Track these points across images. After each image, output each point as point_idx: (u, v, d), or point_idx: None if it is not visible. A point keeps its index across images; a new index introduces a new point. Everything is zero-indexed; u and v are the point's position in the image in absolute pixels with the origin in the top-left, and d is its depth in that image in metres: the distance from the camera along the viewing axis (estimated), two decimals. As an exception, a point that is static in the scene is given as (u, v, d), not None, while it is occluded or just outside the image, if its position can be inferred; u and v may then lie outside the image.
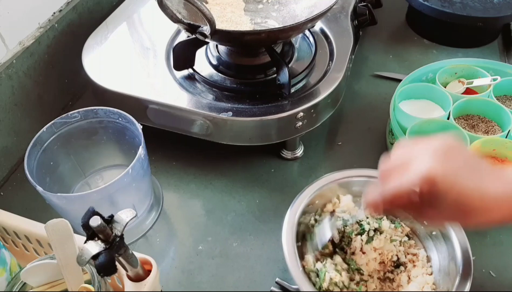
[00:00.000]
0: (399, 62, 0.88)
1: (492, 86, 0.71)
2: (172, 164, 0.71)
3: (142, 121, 0.68)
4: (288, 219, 0.53)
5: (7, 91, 0.67)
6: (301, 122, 0.64)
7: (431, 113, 0.71)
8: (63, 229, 0.44)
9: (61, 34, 0.75)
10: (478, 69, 0.74)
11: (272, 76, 0.68)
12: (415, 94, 0.73)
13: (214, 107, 0.63)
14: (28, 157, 0.54)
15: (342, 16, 0.78)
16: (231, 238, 0.62)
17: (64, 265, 0.45)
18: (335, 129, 0.75)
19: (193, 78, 0.69)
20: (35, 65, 0.71)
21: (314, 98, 0.64)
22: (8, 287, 0.47)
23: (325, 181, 0.58)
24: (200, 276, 0.58)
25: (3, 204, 0.61)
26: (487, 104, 0.70)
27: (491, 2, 0.85)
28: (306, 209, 0.56)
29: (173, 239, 0.62)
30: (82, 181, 0.66)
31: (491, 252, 0.58)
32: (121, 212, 0.42)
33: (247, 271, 0.58)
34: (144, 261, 0.48)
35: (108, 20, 0.78)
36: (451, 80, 0.76)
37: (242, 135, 0.64)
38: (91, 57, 0.71)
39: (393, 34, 0.95)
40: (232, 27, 0.67)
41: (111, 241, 0.41)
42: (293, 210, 0.54)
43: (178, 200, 0.67)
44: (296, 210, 0.54)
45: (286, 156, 0.71)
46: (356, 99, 0.80)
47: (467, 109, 0.71)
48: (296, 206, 0.55)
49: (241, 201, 0.66)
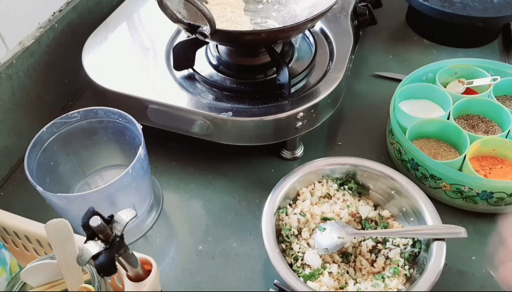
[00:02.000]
0: (399, 62, 0.87)
1: (492, 86, 0.71)
2: (172, 164, 0.71)
3: (142, 121, 0.68)
4: (268, 207, 0.56)
5: (7, 91, 0.67)
6: (301, 122, 0.64)
7: (431, 113, 0.71)
8: (63, 229, 0.44)
9: (61, 34, 0.75)
10: (478, 69, 0.74)
11: (272, 76, 0.68)
12: (415, 94, 0.73)
13: (214, 107, 0.63)
14: (28, 157, 0.54)
15: (342, 16, 0.78)
16: (231, 238, 0.62)
17: (64, 265, 0.45)
18: (335, 129, 0.75)
19: (193, 78, 0.69)
20: (35, 65, 0.71)
21: (314, 98, 0.64)
22: (8, 287, 0.47)
23: (307, 169, 0.60)
24: (200, 276, 0.58)
25: (3, 204, 0.61)
26: (487, 104, 0.70)
27: (491, 2, 0.85)
28: (288, 194, 0.59)
29: (173, 239, 0.62)
30: (82, 181, 0.66)
31: (491, 252, 0.58)
32: (121, 212, 0.42)
33: (247, 271, 0.58)
34: (144, 261, 0.48)
35: (108, 20, 0.78)
36: (451, 80, 0.76)
37: (242, 135, 0.64)
38: (91, 57, 0.71)
39: (393, 34, 0.95)
40: (232, 27, 0.67)
41: (111, 241, 0.41)
42: (273, 197, 0.57)
43: (178, 200, 0.67)
44: (276, 197, 0.57)
45: (286, 156, 0.71)
46: (356, 99, 0.80)
47: (467, 109, 0.71)
48: (277, 193, 0.58)
49: (241, 201, 0.66)
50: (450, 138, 0.67)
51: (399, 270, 0.53)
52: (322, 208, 0.58)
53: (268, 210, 0.56)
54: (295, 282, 0.49)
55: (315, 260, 0.53)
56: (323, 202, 0.60)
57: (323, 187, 0.61)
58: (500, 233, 0.53)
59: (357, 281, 0.53)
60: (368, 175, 0.60)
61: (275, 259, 0.51)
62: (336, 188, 0.61)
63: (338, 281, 0.53)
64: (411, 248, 0.55)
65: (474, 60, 0.76)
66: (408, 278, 0.53)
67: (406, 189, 0.57)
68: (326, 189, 0.61)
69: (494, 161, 0.65)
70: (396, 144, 0.67)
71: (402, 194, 0.58)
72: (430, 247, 0.52)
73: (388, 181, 0.59)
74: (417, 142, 0.68)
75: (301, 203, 0.59)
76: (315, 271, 0.53)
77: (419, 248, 0.55)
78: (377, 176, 0.60)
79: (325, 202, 0.60)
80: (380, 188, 0.60)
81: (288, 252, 0.56)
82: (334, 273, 0.53)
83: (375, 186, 0.61)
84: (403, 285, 0.52)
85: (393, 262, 0.54)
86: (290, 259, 0.55)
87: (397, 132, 0.65)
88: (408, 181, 0.58)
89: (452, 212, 0.63)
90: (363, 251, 0.56)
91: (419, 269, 0.52)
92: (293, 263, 0.55)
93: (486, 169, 0.64)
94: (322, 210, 0.58)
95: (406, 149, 0.64)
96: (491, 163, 0.65)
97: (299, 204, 0.59)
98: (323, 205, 0.59)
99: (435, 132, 0.68)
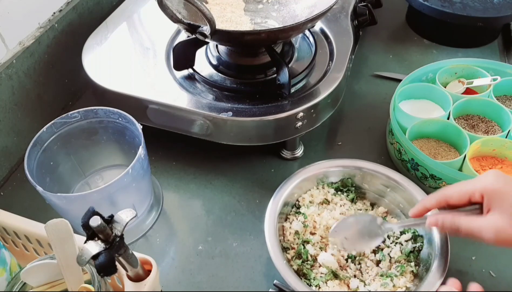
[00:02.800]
0: (399, 62, 0.87)
1: (492, 86, 0.71)
2: (172, 164, 0.71)
3: (142, 121, 0.68)
4: (270, 209, 0.57)
5: (7, 91, 0.67)
6: (301, 122, 0.64)
7: (431, 113, 0.71)
8: (63, 229, 0.44)
9: (61, 34, 0.75)
10: (478, 69, 0.74)
11: (272, 76, 0.68)
12: (415, 94, 0.73)
13: (214, 107, 0.63)
14: (28, 157, 0.54)
15: (342, 16, 0.78)
16: (231, 238, 0.62)
17: (64, 265, 0.45)
18: (335, 129, 0.75)
19: (193, 78, 0.69)
20: (35, 65, 0.71)
21: (314, 98, 0.64)
22: (8, 287, 0.47)
23: (304, 174, 0.60)
24: (200, 276, 0.58)
25: (3, 204, 0.61)
26: (487, 104, 0.70)
27: (491, 2, 0.85)
28: (287, 200, 0.59)
29: (173, 239, 0.62)
30: (82, 181, 0.66)
31: (491, 252, 0.58)
32: (121, 212, 0.42)
33: (247, 271, 0.58)
34: (144, 261, 0.48)
35: (108, 20, 0.78)
36: (451, 80, 0.76)
37: (242, 135, 0.64)
38: (91, 57, 0.71)
39: (393, 34, 0.95)
40: (232, 27, 0.67)
41: (111, 241, 0.41)
42: (275, 201, 0.57)
43: (178, 200, 0.67)
44: (278, 201, 0.57)
45: (286, 156, 0.71)
46: (356, 99, 0.80)
47: (467, 109, 0.71)
48: (278, 197, 0.58)
49: (241, 201, 0.66)
50: (450, 138, 0.67)
51: (405, 267, 0.53)
52: (322, 215, 0.58)
53: (270, 213, 0.56)
54: (295, 281, 0.49)
55: (331, 261, 0.54)
56: (322, 209, 0.60)
57: (320, 192, 0.61)
58: None
59: (365, 283, 0.53)
60: (362, 175, 0.61)
61: (276, 260, 0.51)
62: (333, 192, 0.61)
63: (347, 286, 0.53)
64: (412, 243, 0.55)
65: (474, 60, 0.76)
66: (416, 275, 0.53)
67: (402, 184, 0.58)
68: (323, 194, 0.61)
69: (494, 160, 0.65)
70: (396, 145, 0.67)
71: (399, 190, 0.58)
72: (432, 241, 0.53)
73: (382, 179, 0.60)
74: (417, 142, 0.68)
75: (306, 209, 0.59)
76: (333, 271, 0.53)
77: (421, 242, 0.55)
78: (371, 175, 0.60)
79: (324, 209, 0.60)
80: (375, 187, 0.61)
81: (293, 258, 0.56)
82: (341, 275, 0.53)
83: (370, 186, 0.61)
84: (411, 282, 0.52)
85: (397, 260, 0.54)
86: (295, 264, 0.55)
87: (397, 132, 0.65)
88: (403, 177, 0.59)
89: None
90: (367, 252, 0.56)
91: (425, 265, 0.52)
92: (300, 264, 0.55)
93: (486, 169, 0.64)
94: (324, 218, 0.58)
95: (406, 149, 0.64)
96: (491, 163, 0.65)
97: (304, 210, 0.59)
98: (323, 212, 0.59)
99: (435, 132, 0.68)
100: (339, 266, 0.55)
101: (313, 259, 0.55)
